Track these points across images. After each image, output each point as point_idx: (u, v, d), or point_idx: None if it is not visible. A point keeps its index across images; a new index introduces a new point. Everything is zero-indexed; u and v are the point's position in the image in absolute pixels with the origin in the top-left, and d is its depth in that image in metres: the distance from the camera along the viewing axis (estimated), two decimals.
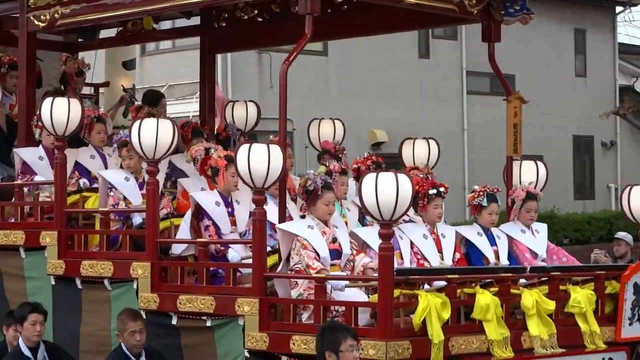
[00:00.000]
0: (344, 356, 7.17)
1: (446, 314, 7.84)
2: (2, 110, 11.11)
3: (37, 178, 10.35)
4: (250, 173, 8.19)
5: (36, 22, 10.57)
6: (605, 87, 33.55)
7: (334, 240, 8.61)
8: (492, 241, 9.56)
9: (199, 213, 9.18)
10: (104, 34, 13.62)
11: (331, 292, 8.25)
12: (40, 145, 10.49)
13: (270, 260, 8.62)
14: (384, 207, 7.55)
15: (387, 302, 7.65)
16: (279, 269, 8.62)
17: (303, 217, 8.91)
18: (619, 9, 31.01)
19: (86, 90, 13.43)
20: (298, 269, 8.41)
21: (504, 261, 9.48)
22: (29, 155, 10.46)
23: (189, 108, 20.87)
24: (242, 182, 8.63)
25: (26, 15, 10.64)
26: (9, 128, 11.36)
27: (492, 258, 9.45)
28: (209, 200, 9.23)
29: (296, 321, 8.30)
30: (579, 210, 31.55)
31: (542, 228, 9.96)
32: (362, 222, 9.86)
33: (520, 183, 10.04)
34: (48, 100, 9.72)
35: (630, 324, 9.01)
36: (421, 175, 9.74)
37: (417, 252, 8.79)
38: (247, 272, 8.68)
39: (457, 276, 8.23)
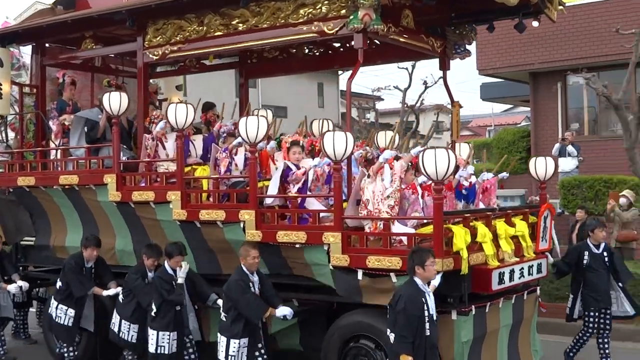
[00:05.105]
0: (428, 269, 5.96)
1: (468, 238, 6.71)
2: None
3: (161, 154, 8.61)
4: (334, 151, 6.79)
5: (151, 56, 8.77)
6: (334, 113, 33.98)
7: None
8: None
9: (284, 176, 7.65)
10: (162, 68, 11.74)
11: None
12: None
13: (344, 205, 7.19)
14: (440, 171, 6.32)
15: (439, 233, 6.42)
16: (348, 211, 7.20)
17: None
18: (340, 72, 31.04)
19: None
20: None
21: None
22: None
23: None
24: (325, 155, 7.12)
25: (143, 52, 8.84)
26: (129, 124, 9.55)
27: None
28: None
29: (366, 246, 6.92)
30: None
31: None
32: None
33: (460, 155, 8.89)
34: (172, 106, 8.02)
35: (541, 241, 8.05)
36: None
37: None
38: (325, 215, 7.29)
39: (468, 215, 7.08)
